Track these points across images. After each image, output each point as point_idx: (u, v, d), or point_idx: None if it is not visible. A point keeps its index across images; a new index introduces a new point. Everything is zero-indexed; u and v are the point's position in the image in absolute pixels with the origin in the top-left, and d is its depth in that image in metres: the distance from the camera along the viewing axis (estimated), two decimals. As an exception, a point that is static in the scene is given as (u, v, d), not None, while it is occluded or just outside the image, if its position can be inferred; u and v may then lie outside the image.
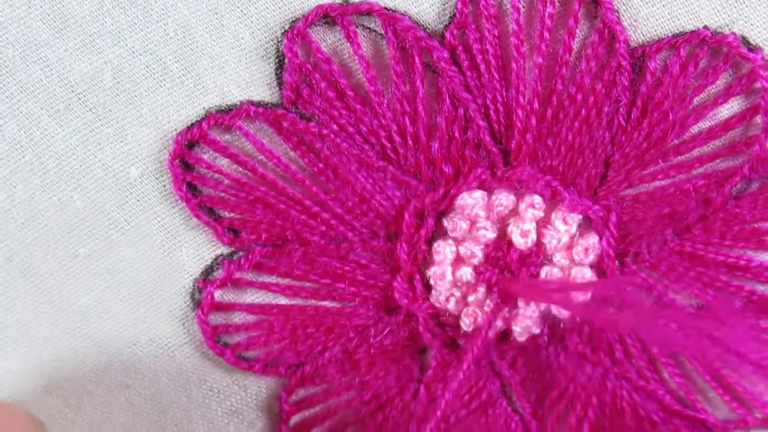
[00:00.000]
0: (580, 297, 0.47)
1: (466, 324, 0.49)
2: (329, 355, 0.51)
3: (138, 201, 0.48)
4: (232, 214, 0.48)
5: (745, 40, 0.44)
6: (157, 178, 0.47)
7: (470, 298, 0.48)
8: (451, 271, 0.48)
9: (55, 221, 0.48)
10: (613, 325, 0.43)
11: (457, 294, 0.49)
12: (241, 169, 0.47)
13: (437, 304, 0.49)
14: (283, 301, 0.50)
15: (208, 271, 0.49)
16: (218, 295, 0.49)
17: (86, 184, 0.47)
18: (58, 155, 0.47)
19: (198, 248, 0.49)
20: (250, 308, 0.50)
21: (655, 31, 0.45)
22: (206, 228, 0.48)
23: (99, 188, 0.48)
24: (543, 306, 0.48)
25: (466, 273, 0.48)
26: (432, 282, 0.49)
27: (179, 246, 0.49)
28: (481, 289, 0.48)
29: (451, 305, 0.49)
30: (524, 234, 0.47)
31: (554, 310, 0.48)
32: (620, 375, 0.50)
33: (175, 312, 0.50)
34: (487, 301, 0.48)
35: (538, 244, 0.47)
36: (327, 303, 0.50)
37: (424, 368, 0.52)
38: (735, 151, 0.46)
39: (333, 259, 0.49)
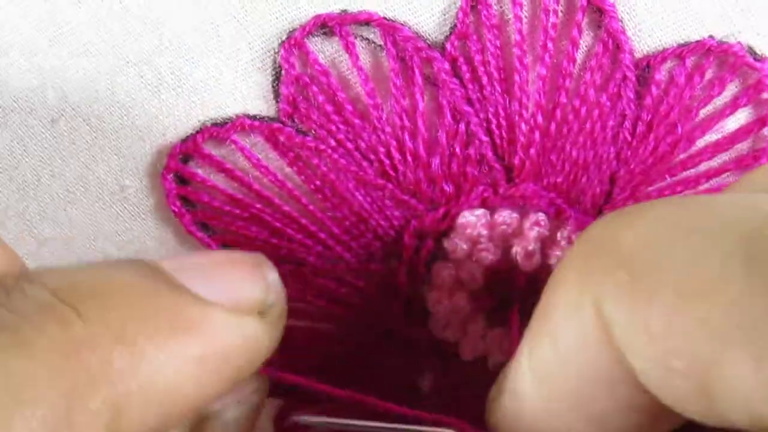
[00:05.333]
0: None
1: (465, 354, 0.48)
2: (324, 378, 0.49)
3: (132, 216, 0.47)
4: (227, 231, 0.47)
5: (751, 50, 0.43)
6: (151, 193, 0.47)
7: (468, 328, 0.47)
8: (448, 297, 0.47)
9: (48, 234, 0.47)
10: None
11: (455, 322, 0.47)
12: (236, 185, 0.46)
13: (435, 332, 0.48)
14: (278, 321, 0.49)
15: (202, 289, 0.48)
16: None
17: (80, 197, 0.47)
18: (52, 167, 0.46)
19: (192, 266, 0.48)
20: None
21: (660, 41, 0.44)
22: (201, 244, 0.47)
23: (93, 201, 0.47)
24: None
25: (461, 299, 0.47)
26: (430, 308, 0.47)
27: (173, 263, 0.48)
28: (480, 319, 0.47)
29: (449, 333, 0.48)
30: (529, 255, 0.46)
31: None
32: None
33: (169, 332, 0.49)
34: (489, 333, 0.47)
35: (544, 266, 0.46)
36: (323, 325, 0.49)
37: (424, 392, 0.50)
38: (742, 165, 0.45)
39: (329, 280, 0.48)
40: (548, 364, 0.31)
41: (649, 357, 0.28)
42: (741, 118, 0.45)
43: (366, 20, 0.44)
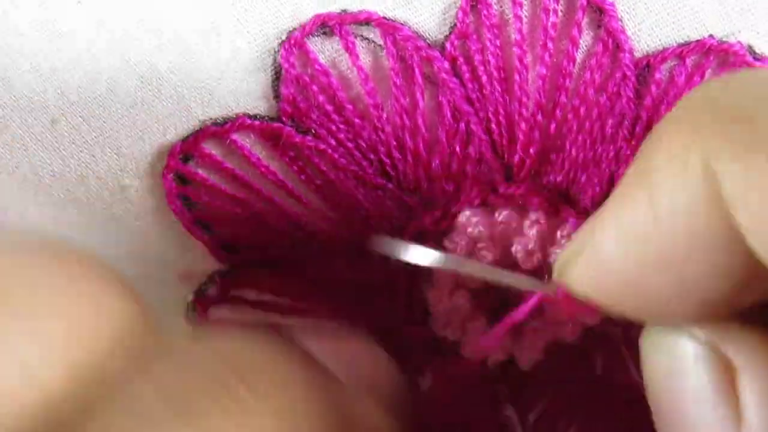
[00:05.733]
0: None
1: (465, 353, 0.48)
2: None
3: (133, 216, 0.47)
4: (227, 230, 0.47)
5: (751, 49, 0.43)
6: (151, 192, 0.47)
7: (468, 326, 0.47)
8: (448, 296, 0.47)
9: (49, 235, 0.47)
10: None
11: (456, 320, 0.48)
12: (236, 184, 0.46)
13: (435, 331, 0.48)
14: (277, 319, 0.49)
15: (203, 288, 0.48)
16: (212, 312, 0.48)
17: (81, 197, 0.47)
18: (53, 167, 0.46)
19: (192, 265, 0.48)
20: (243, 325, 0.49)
21: (660, 40, 0.44)
22: (201, 244, 0.47)
23: (94, 201, 0.47)
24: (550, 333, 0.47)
25: (462, 298, 0.47)
26: (430, 307, 0.48)
27: (173, 263, 0.48)
28: (480, 317, 0.47)
29: (449, 333, 0.48)
30: (529, 254, 0.46)
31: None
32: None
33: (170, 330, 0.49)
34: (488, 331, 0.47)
35: (544, 265, 0.46)
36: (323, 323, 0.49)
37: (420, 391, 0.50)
38: (742, 165, 0.45)
39: (330, 279, 0.48)
40: (642, 225, 0.30)
41: (763, 216, 0.27)
42: (740, 117, 0.45)
43: (366, 20, 0.44)
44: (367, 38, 0.45)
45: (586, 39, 0.44)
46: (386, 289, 0.48)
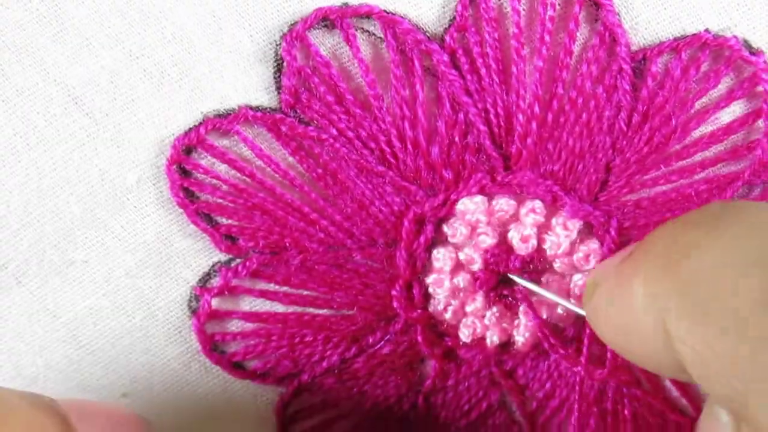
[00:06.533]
0: None
1: (465, 335, 0.49)
2: (327, 364, 0.50)
3: (135, 207, 0.47)
4: (229, 221, 0.48)
5: (746, 44, 0.44)
6: (154, 184, 0.47)
7: (468, 308, 0.48)
8: (449, 279, 0.48)
9: (50, 227, 0.47)
10: None
11: (455, 303, 0.48)
12: (239, 174, 0.47)
13: (436, 314, 0.49)
14: (280, 309, 0.49)
15: (205, 278, 0.49)
16: (215, 303, 0.49)
17: (82, 190, 0.47)
18: (54, 160, 0.46)
19: (195, 255, 0.48)
20: (247, 316, 0.49)
21: (657, 34, 0.44)
22: (204, 235, 0.48)
23: (95, 194, 0.47)
24: (545, 315, 0.48)
25: (462, 279, 0.48)
26: (431, 290, 0.48)
27: (176, 253, 0.48)
28: (479, 298, 0.48)
29: (449, 315, 0.48)
30: (525, 239, 0.47)
31: (557, 319, 0.48)
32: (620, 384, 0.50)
33: (172, 320, 0.49)
34: (487, 313, 0.48)
35: (539, 250, 0.47)
36: (325, 311, 0.50)
37: (423, 378, 0.51)
38: (737, 156, 0.45)
39: (331, 266, 0.48)
40: (621, 320, 0.38)
41: (699, 373, 0.34)
42: (736, 110, 0.45)
43: (366, 13, 0.44)
44: (367, 31, 0.45)
45: (583, 32, 0.45)
46: (387, 275, 0.49)
